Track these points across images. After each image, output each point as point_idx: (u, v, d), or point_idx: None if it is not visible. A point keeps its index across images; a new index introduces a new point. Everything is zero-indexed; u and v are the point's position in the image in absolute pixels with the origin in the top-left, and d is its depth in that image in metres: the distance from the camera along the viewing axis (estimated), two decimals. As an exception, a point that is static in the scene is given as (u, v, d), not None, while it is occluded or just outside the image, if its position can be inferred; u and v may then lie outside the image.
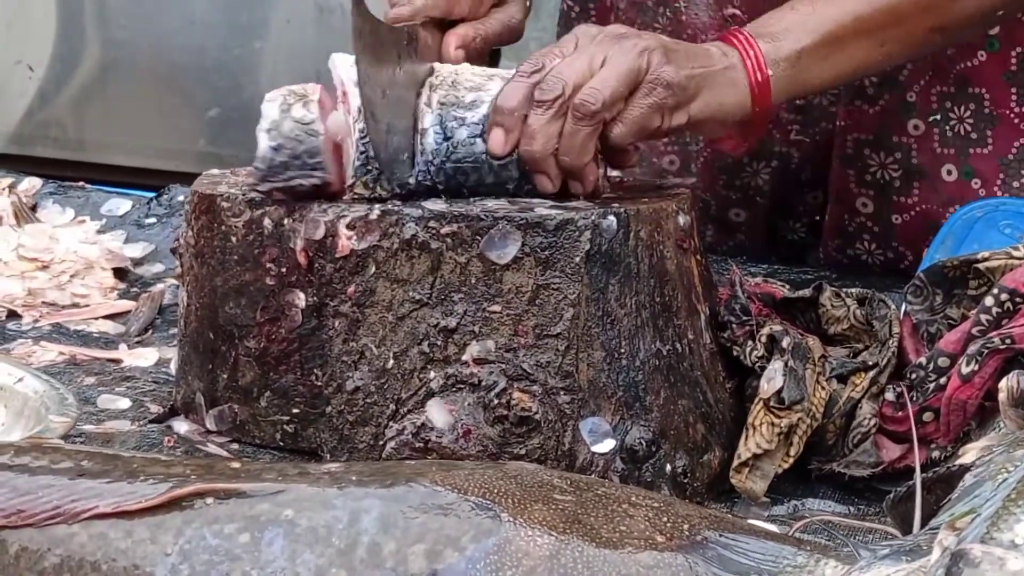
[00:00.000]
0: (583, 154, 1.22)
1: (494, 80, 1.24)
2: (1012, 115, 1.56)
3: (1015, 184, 1.56)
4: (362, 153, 1.20)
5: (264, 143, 1.20)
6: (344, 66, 1.22)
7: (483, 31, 1.42)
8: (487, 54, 1.46)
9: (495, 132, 1.21)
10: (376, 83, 1.21)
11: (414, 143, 1.22)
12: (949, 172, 1.58)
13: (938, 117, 1.57)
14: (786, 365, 1.19)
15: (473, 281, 1.16)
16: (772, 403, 1.18)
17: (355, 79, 1.20)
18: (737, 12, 1.54)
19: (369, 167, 1.20)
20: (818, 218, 1.67)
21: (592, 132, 1.22)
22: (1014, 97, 1.55)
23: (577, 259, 1.16)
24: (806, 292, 1.28)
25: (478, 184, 1.22)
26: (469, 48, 1.40)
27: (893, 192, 1.60)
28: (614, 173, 1.30)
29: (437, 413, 1.16)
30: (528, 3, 1.51)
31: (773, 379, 1.19)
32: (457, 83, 1.24)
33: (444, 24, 1.41)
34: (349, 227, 1.17)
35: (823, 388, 1.20)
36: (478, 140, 1.22)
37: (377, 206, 1.18)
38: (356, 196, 1.21)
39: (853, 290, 1.29)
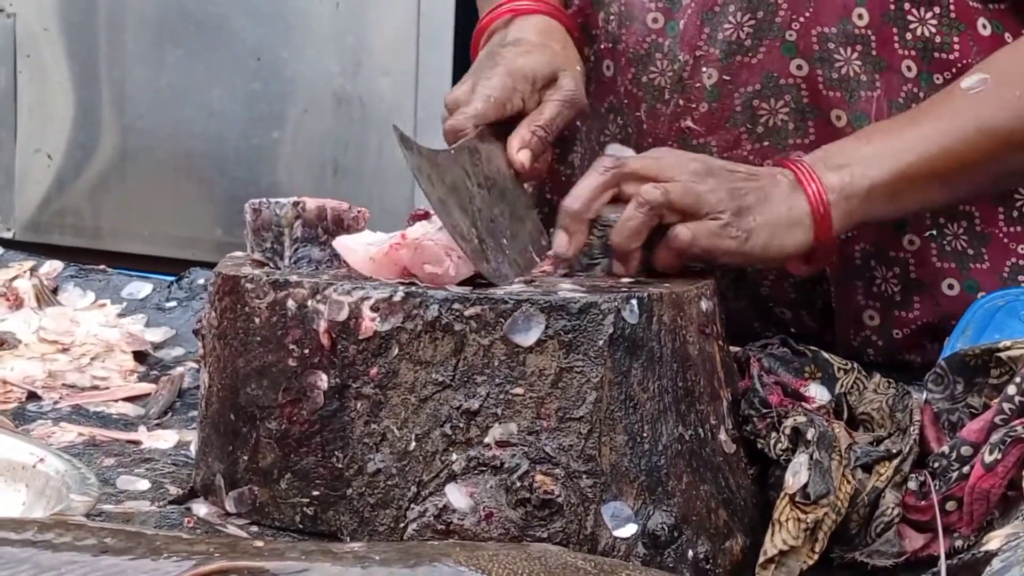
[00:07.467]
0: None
1: None
2: (1001, 234, 1.56)
3: None
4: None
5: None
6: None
7: (541, 122, 1.42)
8: (554, 142, 1.48)
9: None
10: (460, 213, 1.27)
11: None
12: (951, 286, 1.57)
13: (934, 232, 1.56)
14: (811, 458, 1.18)
15: (496, 363, 1.16)
16: (798, 498, 1.17)
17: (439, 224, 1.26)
18: (694, 127, 1.55)
19: None
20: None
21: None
22: (1001, 217, 1.56)
23: (600, 343, 1.16)
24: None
25: None
26: (532, 147, 1.41)
27: (895, 307, 1.58)
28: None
29: (459, 495, 1.15)
30: (580, 67, 1.51)
31: (798, 473, 1.18)
32: None
33: (502, 128, 1.42)
34: (373, 308, 1.18)
35: (849, 482, 1.19)
36: None
37: (401, 287, 1.18)
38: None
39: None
